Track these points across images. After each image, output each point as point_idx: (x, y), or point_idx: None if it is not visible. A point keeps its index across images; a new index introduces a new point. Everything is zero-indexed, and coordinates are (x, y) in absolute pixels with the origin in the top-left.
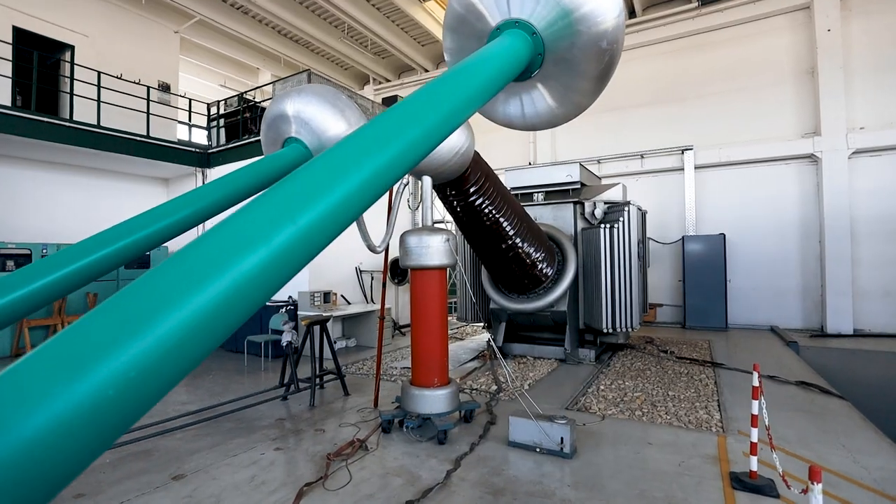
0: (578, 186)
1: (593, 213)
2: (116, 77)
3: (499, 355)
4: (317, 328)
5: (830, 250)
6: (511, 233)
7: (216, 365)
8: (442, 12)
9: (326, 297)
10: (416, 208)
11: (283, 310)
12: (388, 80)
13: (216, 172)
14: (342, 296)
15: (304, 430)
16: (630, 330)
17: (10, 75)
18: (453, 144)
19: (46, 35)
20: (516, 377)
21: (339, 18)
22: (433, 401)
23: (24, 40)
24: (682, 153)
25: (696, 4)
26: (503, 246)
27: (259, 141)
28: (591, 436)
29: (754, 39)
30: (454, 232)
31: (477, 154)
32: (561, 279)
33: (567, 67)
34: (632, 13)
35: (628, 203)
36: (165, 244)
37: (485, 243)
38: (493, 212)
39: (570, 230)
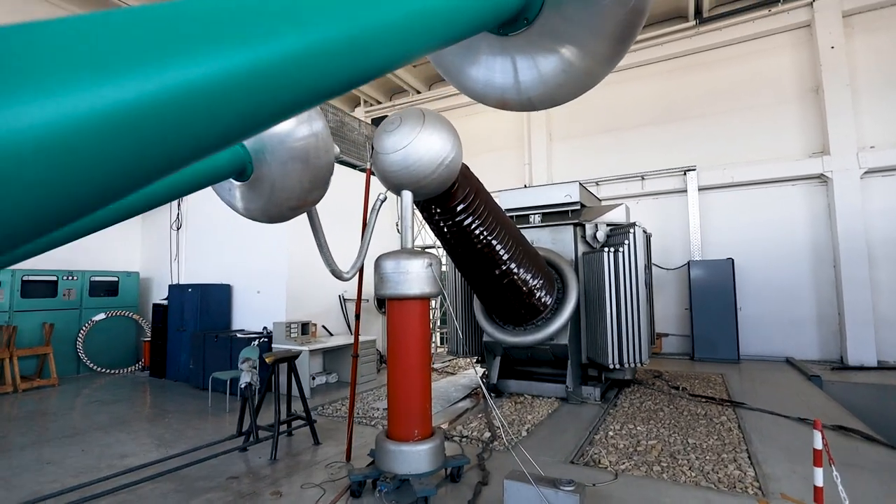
0: (578, 207)
1: (595, 236)
2: None
3: (490, 403)
4: (285, 366)
5: (846, 275)
6: (505, 257)
7: (175, 406)
8: None
9: (305, 328)
10: None
11: (255, 343)
12: (379, 102)
13: (191, 198)
14: (323, 326)
15: (258, 492)
16: (639, 365)
17: None
18: (436, 153)
19: None
20: (513, 420)
21: None
22: (412, 458)
23: None
24: (685, 174)
25: (695, 23)
26: (496, 272)
27: None
28: (603, 501)
29: (756, 57)
30: (439, 256)
31: (465, 167)
32: (561, 309)
33: (576, 16)
34: None
35: (633, 225)
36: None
37: (476, 269)
38: (485, 234)
39: (571, 254)
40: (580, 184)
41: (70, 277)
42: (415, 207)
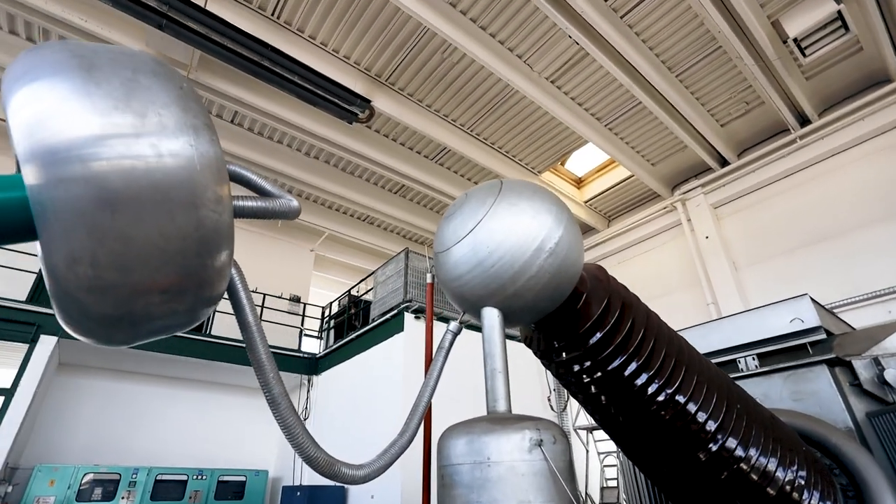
0: (823, 336)
1: (881, 379)
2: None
3: None
4: None
5: None
6: (711, 428)
7: None
8: (561, 182)
9: None
10: (564, 409)
11: None
12: None
13: (321, 379)
14: None
15: None
16: None
17: None
18: (527, 233)
19: None
20: None
21: None
22: None
23: None
24: None
25: None
26: (701, 457)
27: (363, 333)
28: None
29: None
30: (565, 427)
31: (600, 268)
32: None
33: None
34: (804, 121)
35: None
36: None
37: (657, 453)
38: (659, 383)
39: (843, 418)
40: (811, 299)
41: (200, 477)
42: (530, 349)
